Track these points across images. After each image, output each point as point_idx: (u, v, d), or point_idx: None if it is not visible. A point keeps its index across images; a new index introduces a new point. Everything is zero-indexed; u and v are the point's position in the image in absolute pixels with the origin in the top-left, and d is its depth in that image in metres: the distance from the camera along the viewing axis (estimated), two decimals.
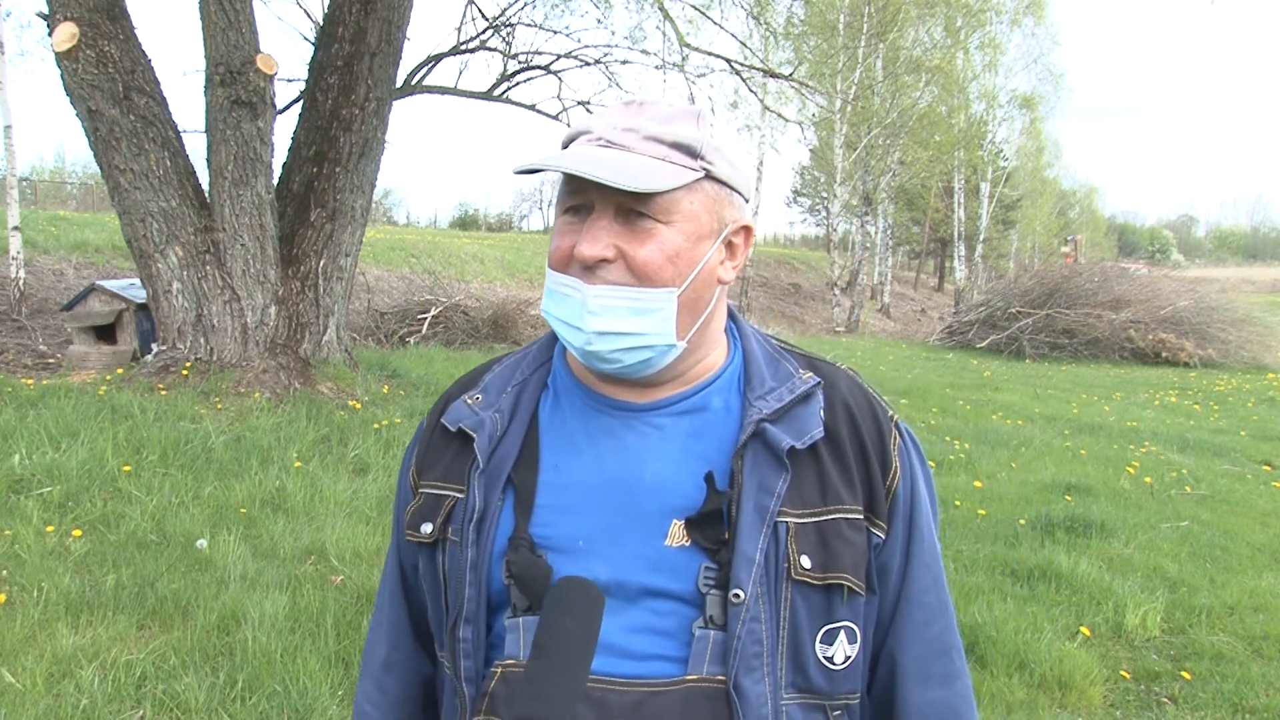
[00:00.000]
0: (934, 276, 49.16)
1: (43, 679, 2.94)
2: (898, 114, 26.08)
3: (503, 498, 1.02)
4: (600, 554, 0.99)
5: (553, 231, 1.03)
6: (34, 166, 44.91)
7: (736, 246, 1.05)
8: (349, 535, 4.36)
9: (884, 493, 1.04)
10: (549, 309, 1.02)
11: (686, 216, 0.98)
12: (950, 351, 19.42)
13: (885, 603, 1.07)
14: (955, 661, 1.09)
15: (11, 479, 4.65)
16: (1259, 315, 19.38)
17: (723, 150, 1.01)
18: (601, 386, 1.06)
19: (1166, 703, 3.41)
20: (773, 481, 0.99)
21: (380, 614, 1.20)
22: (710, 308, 1.03)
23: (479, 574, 1.01)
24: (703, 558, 0.97)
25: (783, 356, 1.10)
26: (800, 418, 1.02)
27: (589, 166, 0.94)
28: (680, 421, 1.04)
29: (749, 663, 0.96)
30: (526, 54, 12.37)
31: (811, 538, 0.99)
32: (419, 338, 12.39)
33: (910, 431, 1.11)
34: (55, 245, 12.60)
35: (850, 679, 1.03)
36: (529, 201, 67.99)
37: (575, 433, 1.05)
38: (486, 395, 1.10)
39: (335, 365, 7.52)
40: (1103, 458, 7.51)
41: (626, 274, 0.97)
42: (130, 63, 6.57)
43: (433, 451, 1.11)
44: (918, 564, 1.07)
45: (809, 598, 0.99)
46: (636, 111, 1.01)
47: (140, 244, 6.80)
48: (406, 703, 1.19)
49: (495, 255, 21.77)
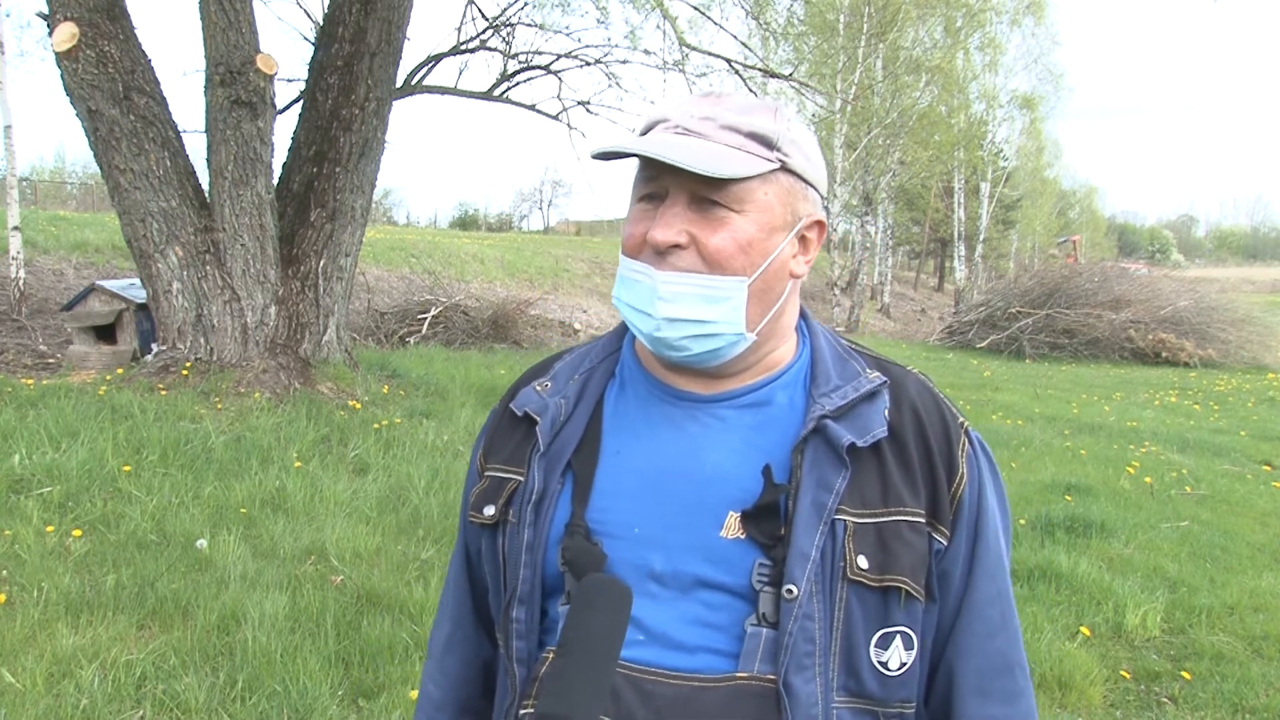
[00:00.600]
0: (934, 276, 49.15)
1: (43, 679, 2.94)
2: (898, 114, 26.08)
3: (562, 482, 1.03)
4: (655, 541, 0.99)
5: (626, 218, 1.04)
6: (34, 166, 44.98)
7: (810, 241, 1.05)
8: (349, 535, 4.35)
9: (948, 498, 1.02)
10: (619, 295, 1.02)
11: (760, 207, 0.98)
12: (950, 351, 19.43)
13: (946, 612, 1.04)
14: (1018, 679, 1.06)
15: (11, 479, 4.65)
16: (1259, 315, 19.39)
17: (799, 144, 1.01)
18: (668, 376, 1.06)
19: (1166, 703, 3.41)
20: (832, 478, 0.98)
21: (446, 596, 1.22)
22: (781, 301, 1.03)
23: (535, 556, 1.02)
24: (757, 553, 0.97)
25: (851, 356, 1.09)
26: (864, 416, 1.01)
27: (666, 151, 0.95)
28: (743, 414, 1.04)
29: (800, 661, 0.95)
30: (526, 54, 12.37)
31: (870, 538, 0.97)
32: (419, 338, 12.39)
33: (981, 440, 1.09)
34: (55, 245, 12.59)
35: (905, 686, 1.01)
36: (529, 201, 68.05)
37: (637, 421, 1.06)
38: (555, 382, 1.11)
39: (335, 365, 7.52)
40: (1103, 458, 7.52)
41: (698, 261, 0.97)
42: (130, 63, 6.57)
43: (500, 436, 1.12)
44: (981, 574, 1.04)
45: (865, 599, 0.97)
46: (714, 101, 1.01)
47: (140, 244, 6.80)
48: (466, 684, 1.20)
49: (495, 255, 21.77)
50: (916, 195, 36.95)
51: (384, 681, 3.12)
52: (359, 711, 2.98)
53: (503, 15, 12.22)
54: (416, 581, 3.91)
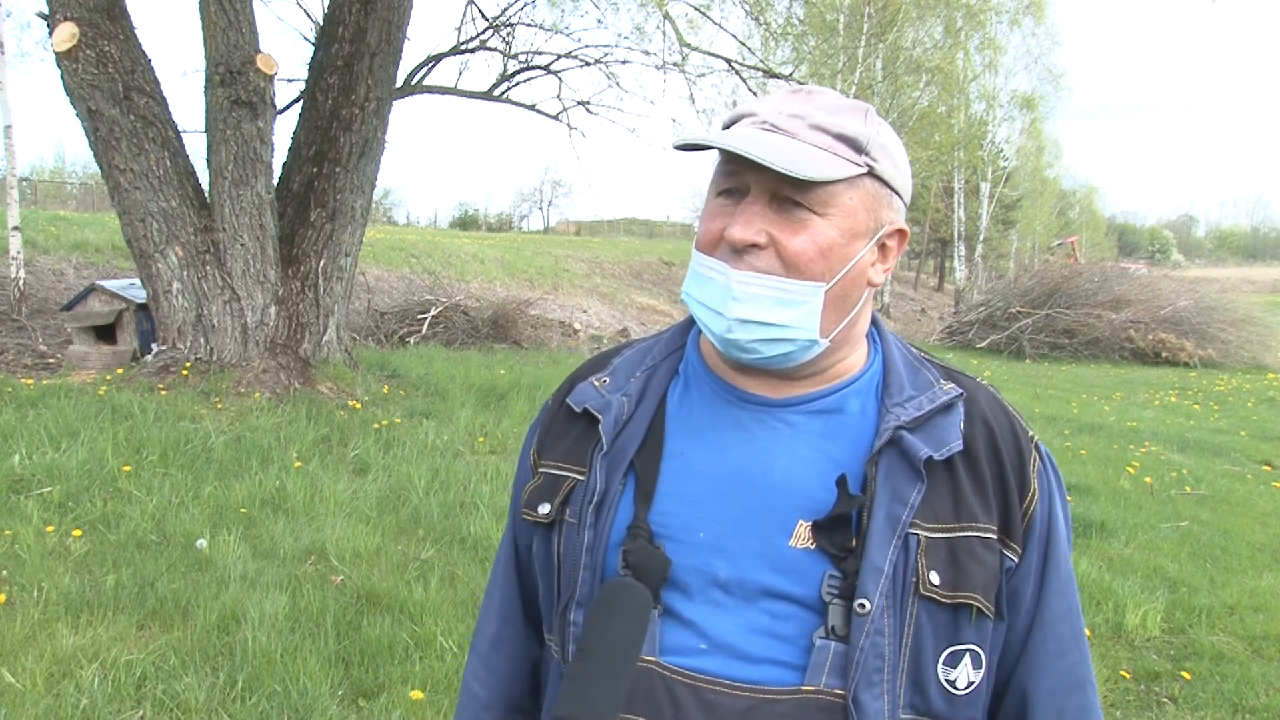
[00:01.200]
0: (934, 276, 49.15)
1: (43, 679, 2.94)
2: (898, 114, 26.09)
3: (624, 483, 1.00)
4: (720, 548, 0.97)
5: (702, 214, 1.01)
6: (34, 166, 44.96)
7: (890, 249, 1.02)
8: (349, 535, 4.35)
9: (1020, 515, 1.00)
10: (690, 291, 0.99)
11: (844, 211, 0.96)
12: (950, 351, 19.42)
13: (1015, 630, 1.02)
14: (1089, 696, 1.04)
15: (11, 479, 4.65)
16: (1259, 315, 19.41)
17: (888, 149, 0.98)
18: (735, 378, 1.04)
19: (1166, 703, 3.41)
20: (907, 491, 0.95)
21: (492, 591, 1.19)
22: (857, 308, 1.01)
23: (594, 558, 0.99)
24: (827, 564, 0.94)
25: (923, 365, 1.07)
26: (940, 428, 0.99)
27: (752, 147, 0.92)
28: (814, 421, 1.01)
29: (870, 677, 0.93)
30: (526, 54, 12.39)
31: (942, 554, 0.95)
32: (419, 338, 12.39)
33: (1050, 455, 1.06)
34: (55, 245, 12.60)
35: (972, 706, 0.98)
36: (529, 201, 68.04)
37: (703, 422, 1.03)
38: (615, 378, 1.08)
39: (335, 365, 7.52)
40: (1103, 458, 7.51)
41: (776, 262, 0.95)
42: (130, 63, 6.57)
43: (555, 432, 1.09)
44: (1052, 591, 1.02)
45: (935, 616, 0.95)
46: (805, 99, 0.98)
47: (140, 244, 6.80)
48: (514, 683, 1.16)
49: (495, 255, 21.77)
50: (916, 195, 36.90)
51: (384, 681, 3.12)
52: (359, 711, 2.98)
53: (503, 15, 12.24)
54: (416, 581, 3.91)
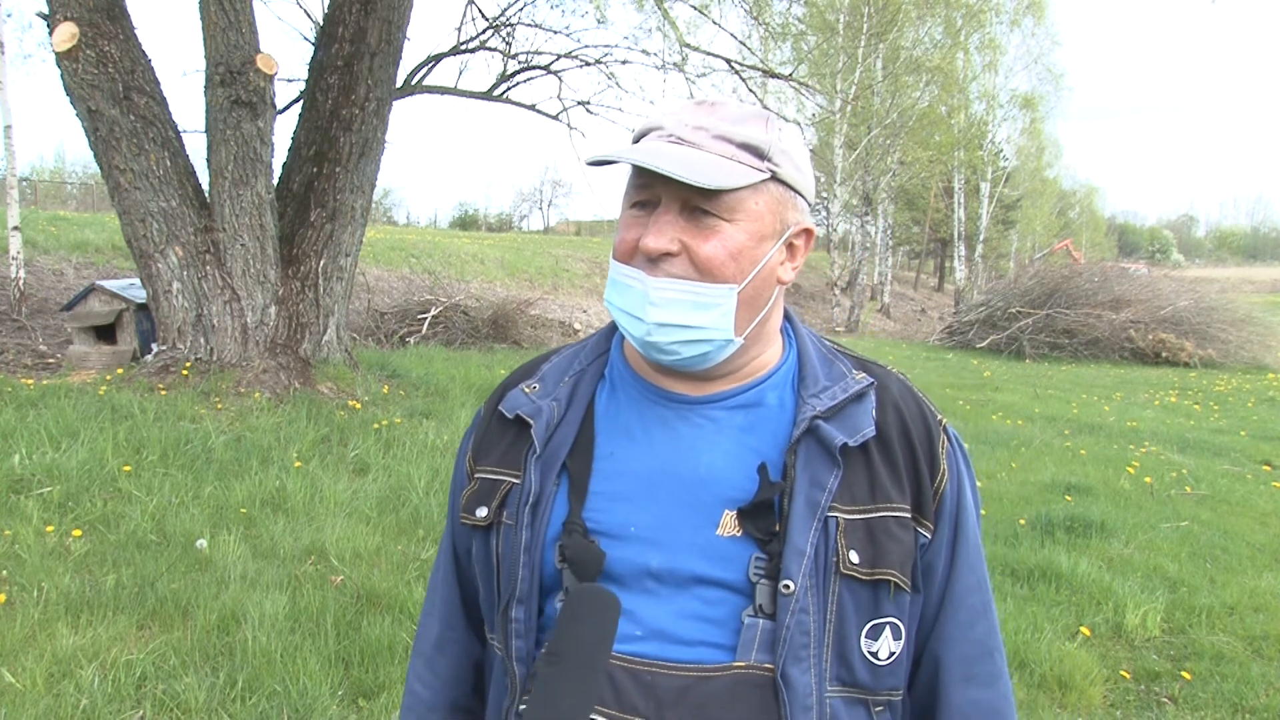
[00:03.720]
0: (934, 276, 49.16)
1: (43, 679, 2.94)
2: (898, 114, 26.09)
3: (557, 483, 1.05)
4: (652, 541, 1.01)
5: (618, 224, 1.06)
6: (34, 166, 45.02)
7: (797, 248, 1.07)
8: (349, 535, 4.36)
9: (931, 494, 1.06)
10: (611, 299, 1.05)
11: (751, 216, 1.00)
12: (950, 351, 19.42)
13: (929, 602, 1.08)
14: (997, 662, 1.11)
15: (11, 479, 4.65)
16: (1259, 315, 19.38)
17: (789, 153, 1.03)
18: (658, 378, 1.09)
19: (1166, 703, 3.41)
20: (825, 477, 1.01)
21: (434, 596, 1.23)
22: (769, 306, 1.06)
23: (533, 556, 1.03)
24: (753, 548, 0.99)
25: (836, 357, 1.12)
26: (853, 416, 1.04)
27: (660, 161, 0.96)
28: (734, 415, 1.06)
29: (796, 653, 0.98)
30: (526, 54, 12.37)
31: (860, 534, 1.00)
32: (419, 338, 12.38)
33: (958, 437, 1.13)
34: (55, 245, 12.60)
35: (894, 675, 1.04)
36: (529, 201, 68.05)
37: (630, 422, 1.08)
38: (544, 384, 1.12)
39: (335, 365, 7.52)
40: (1103, 458, 7.51)
41: (689, 268, 0.99)
42: (130, 63, 6.57)
43: (490, 438, 1.14)
44: (963, 565, 1.09)
45: (856, 592, 1.00)
46: (708, 111, 1.03)
47: (140, 244, 6.80)
48: (458, 683, 1.21)
49: (495, 255, 21.77)
50: (916, 195, 36.99)
51: (384, 681, 3.12)
52: (359, 711, 2.98)
53: (503, 15, 12.22)
54: (416, 581, 3.91)
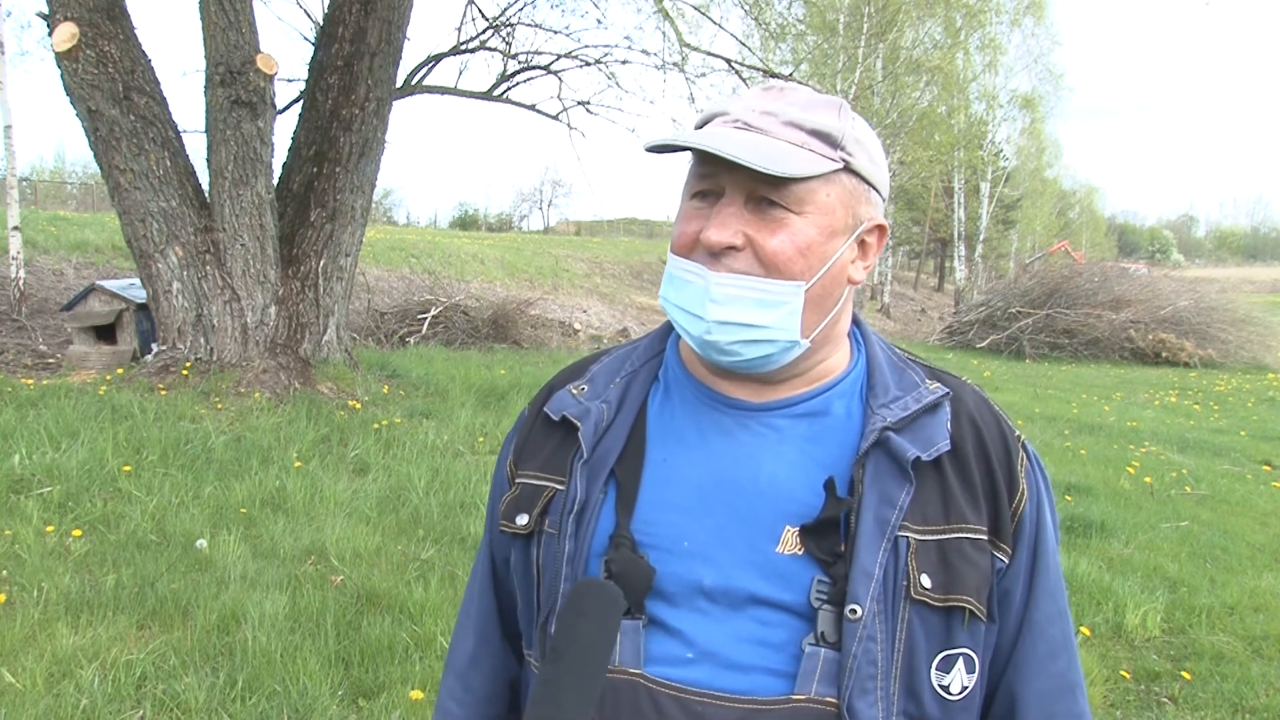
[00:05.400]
0: (934, 276, 49.16)
1: (43, 679, 2.94)
2: (898, 114, 26.07)
3: (605, 491, 0.98)
4: (706, 556, 0.94)
5: (677, 216, 0.99)
6: (34, 166, 45.01)
7: (869, 246, 1.00)
8: (349, 535, 4.35)
9: (1010, 515, 0.97)
10: (667, 295, 0.98)
11: (821, 209, 0.94)
12: (950, 351, 19.42)
13: (1005, 633, 0.99)
14: (1079, 701, 1.02)
15: (11, 479, 4.65)
16: (1259, 315, 19.41)
17: (863, 143, 0.97)
18: (716, 382, 1.02)
19: (1166, 703, 3.41)
20: (895, 493, 0.93)
21: (469, 608, 1.16)
22: (838, 307, 0.99)
23: (575, 568, 0.96)
24: (816, 569, 0.92)
25: (908, 365, 1.04)
26: (926, 428, 0.97)
27: (726, 145, 0.89)
28: (798, 424, 0.99)
29: (863, 684, 0.90)
30: (526, 54, 12.39)
31: (933, 556, 0.93)
32: (419, 338, 12.39)
33: (1036, 454, 1.04)
34: (55, 245, 12.60)
35: (966, 711, 0.96)
36: (529, 201, 68.03)
37: (685, 428, 1.00)
38: (593, 385, 1.05)
39: (335, 365, 7.52)
40: (1103, 458, 7.51)
41: (754, 263, 0.93)
42: (130, 63, 6.57)
43: (533, 441, 1.07)
44: (1042, 593, 1.00)
45: (927, 620, 0.93)
46: (776, 96, 0.97)
47: (140, 244, 6.80)
48: (493, 701, 1.13)
49: (495, 255, 21.77)
50: (916, 195, 36.95)
51: (384, 681, 3.12)
52: (359, 711, 2.98)
53: (503, 15, 12.24)
54: (416, 581, 3.91)
